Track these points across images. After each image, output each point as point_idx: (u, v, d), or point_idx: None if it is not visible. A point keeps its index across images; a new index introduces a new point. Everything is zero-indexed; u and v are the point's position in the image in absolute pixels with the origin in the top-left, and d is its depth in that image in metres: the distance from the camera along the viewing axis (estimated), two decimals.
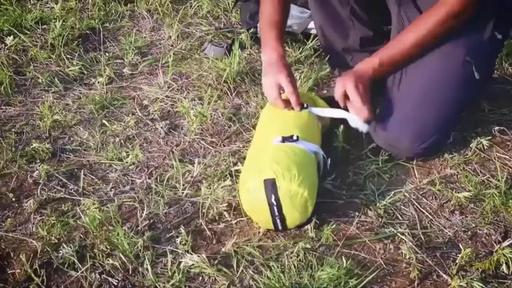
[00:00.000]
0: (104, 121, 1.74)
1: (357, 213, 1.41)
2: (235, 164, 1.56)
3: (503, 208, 1.41)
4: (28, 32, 2.11)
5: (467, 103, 1.58)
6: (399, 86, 1.52)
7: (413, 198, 1.47)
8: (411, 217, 1.42)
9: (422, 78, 1.49)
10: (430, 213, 1.43)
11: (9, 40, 2.04)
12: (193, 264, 1.27)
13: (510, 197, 1.43)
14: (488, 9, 1.47)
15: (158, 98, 1.84)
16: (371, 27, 1.71)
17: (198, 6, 2.28)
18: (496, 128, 1.65)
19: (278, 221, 1.33)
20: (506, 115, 1.72)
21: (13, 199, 1.48)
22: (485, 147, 1.59)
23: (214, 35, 2.14)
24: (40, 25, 2.15)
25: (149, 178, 1.54)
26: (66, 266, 1.29)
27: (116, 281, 1.26)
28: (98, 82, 1.90)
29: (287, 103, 1.50)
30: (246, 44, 2.05)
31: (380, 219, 1.40)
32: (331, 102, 1.57)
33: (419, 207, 1.44)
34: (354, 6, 1.66)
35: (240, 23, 2.17)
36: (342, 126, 1.59)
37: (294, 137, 1.41)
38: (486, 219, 1.39)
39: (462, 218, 1.41)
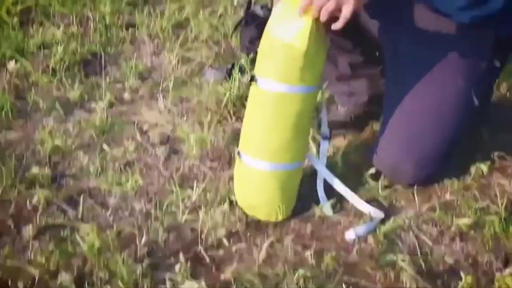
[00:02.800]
0: (104, 146, 1.74)
1: (356, 240, 1.41)
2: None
3: (504, 235, 1.40)
4: (30, 57, 2.13)
5: (467, 129, 1.59)
6: (399, 111, 1.52)
7: (413, 225, 1.47)
8: (411, 244, 1.41)
9: (423, 105, 1.49)
10: (430, 240, 1.42)
11: (11, 65, 2.05)
12: None
13: (510, 224, 1.43)
14: (485, 38, 1.48)
15: (158, 123, 1.85)
16: (360, 53, 1.72)
17: (198, 31, 2.30)
18: (495, 153, 1.65)
19: None
20: (505, 141, 1.73)
21: (12, 226, 1.47)
22: (485, 173, 1.60)
23: (214, 59, 2.15)
24: (42, 50, 2.16)
25: (148, 204, 1.54)
26: None
27: None
28: (99, 107, 1.90)
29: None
30: (246, 69, 2.05)
31: (380, 246, 1.39)
32: None
33: (419, 233, 1.44)
34: (334, 37, 1.67)
35: (240, 47, 2.19)
36: (340, 152, 1.60)
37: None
38: (487, 246, 1.39)
39: (463, 245, 1.40)
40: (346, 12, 1.29)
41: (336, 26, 1.31)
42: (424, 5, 1.49)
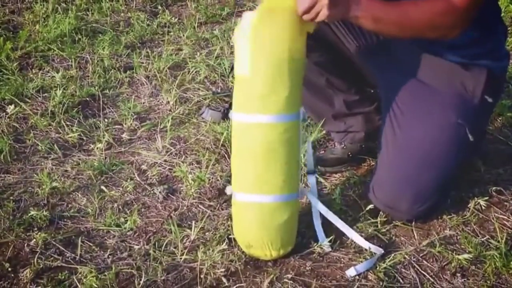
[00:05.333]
0: (102, 187, 1.74)
1: (357, 277, 1.40)
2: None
3: (505, 270, 1.40)
4: (29, 101, 2.15)
5: (462, 165, 1.60)
6: (394, 149, 1.53)
7: (414, 261, 1.46)
8: (413, 280, 1.40)
9: (417, 142, 1.50)
10: (431, 276, 1.41)
11: (10, 108, 2.07)
12: None
13: (511, 259, 1.42)
14: (477, 75, 1.51)
15: (157, 163, 1.86)
16: (355, 92, 1.74)
17: (195, 72, 2.33)
18: (493, 188, 1.66)
19: None
20: (502, 174, 1.74)
21: (9, 269, 1.46)
22: (483, 207, 1.60)
23: (212, 99, 2.18)
24: (41, 93, 2.19)
25: (147, 244, 1.53)
26: None
27: None
28: (97, 148, 1.92)
29: None
30: None
31: (381, 283, 1.38)
32: None
33: (420, 269, 1.43)
34: (329, 77, 1.70)
35: None
36: (338, 188, 1.60)
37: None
38: (488, 282, 1.38)
39: (464, 280, 1.39)
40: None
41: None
42: (416, 45, 1.52)
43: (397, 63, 1.57)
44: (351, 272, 1.40)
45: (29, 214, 1.61)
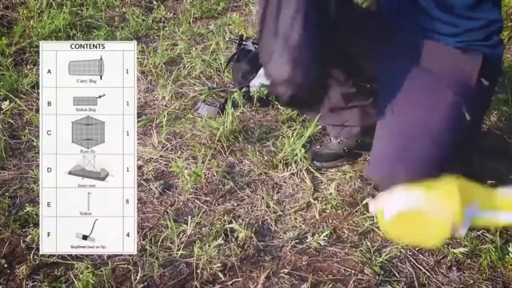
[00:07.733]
0: None
1: (353, 271, 1.40)
2: (229, 222, 1.55)
3: (500, 263, 1.40)
4: (24, 97, 2.14)
5: (459, 145, 1.59)
6: (390, 123, 1.52)
7: (409, 254, 1.46)
8: (409, 274, 1.41)
9: (415, 116, 1.49)
10: (427, 270, 1.42)
11: (4, 104, 2.06)
12: None
13: (506, 252, 1.43)
14: (472, 60, 1.51)
15: (152, 158, 1.86)
16: (352, 85, 1.74)
17: (191, 67, 2.33)
18: (487, 182, 1.65)
19: None
20: (497, 168, 1.74)
21: (5, 265, 1.46)
22: None
23: (207, 94, 2.17)
24: (36, 89, 2.18)
25: (143, 240, 1.53)
26: None
27: None
28: None
29: None
30: (239, 103, 2.08)
31: (377, 277, 1.39)
32: None
33: (415, 263, 1.44)
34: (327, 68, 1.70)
35: (232, 82, 2.22)
36: (335, 183, 1.60)
37: None
38: (484, 275, 1.38)
39: (460, 274, 1.40)
40: None
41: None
42: (414, 30, 1.52)
43: (395, 49, 1.57)
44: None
45: (25, 210, 1.60)
